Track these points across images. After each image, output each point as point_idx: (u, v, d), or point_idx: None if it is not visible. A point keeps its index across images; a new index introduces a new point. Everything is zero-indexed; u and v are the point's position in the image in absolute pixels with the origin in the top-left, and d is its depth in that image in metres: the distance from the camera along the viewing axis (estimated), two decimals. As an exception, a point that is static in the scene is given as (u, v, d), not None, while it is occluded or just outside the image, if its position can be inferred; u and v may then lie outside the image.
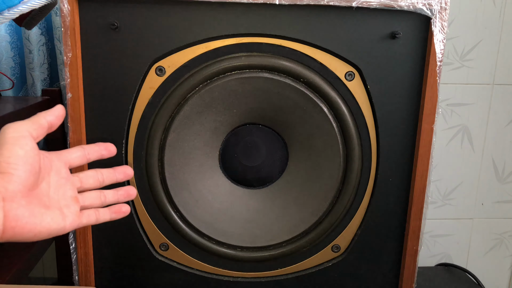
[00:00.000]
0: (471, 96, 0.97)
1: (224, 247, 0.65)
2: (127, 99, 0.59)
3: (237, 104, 0.60)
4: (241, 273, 0.67)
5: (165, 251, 0.65)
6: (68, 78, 0.57)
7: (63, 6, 0.54)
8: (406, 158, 0.64)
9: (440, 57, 0.60)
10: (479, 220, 1.06)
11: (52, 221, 0.39)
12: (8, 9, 0.51)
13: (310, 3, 0.56)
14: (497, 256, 1.09)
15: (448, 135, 0.99)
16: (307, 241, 0.65)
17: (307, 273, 0.68)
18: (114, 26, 0.56)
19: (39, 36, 0.80)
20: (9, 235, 0.36)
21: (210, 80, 0.59)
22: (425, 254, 1.07)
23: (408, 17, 0.59)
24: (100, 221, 0.45)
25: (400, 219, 0.66)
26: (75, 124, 0.58)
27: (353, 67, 0.60)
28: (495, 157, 1.02)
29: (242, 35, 0.58)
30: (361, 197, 0.65)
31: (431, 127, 0.62)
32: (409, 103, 0.62)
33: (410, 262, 0.67)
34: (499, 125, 1.00)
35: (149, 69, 0.58)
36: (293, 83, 0.59)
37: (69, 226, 0.41)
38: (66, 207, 0.41)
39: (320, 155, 0.63)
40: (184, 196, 0.63)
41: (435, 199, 1.03)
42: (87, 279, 0.64)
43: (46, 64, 0.83)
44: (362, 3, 0.57)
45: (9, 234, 0.36)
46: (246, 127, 0.64)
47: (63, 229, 0.40)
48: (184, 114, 0.59)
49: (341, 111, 0.61)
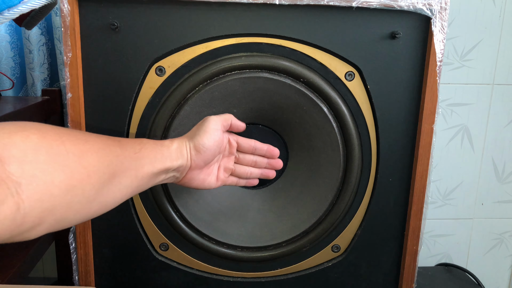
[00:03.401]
0: (471, 96, 0.97)
1: (224, 247, 0.65)
2: (127, 99, 0.59)
3: (237, 104, 0.60)
4: (241, 273, 0.67)
5: (165, 251, 0.65)
6: (68, 78, 0.57)
7: (63, 6, 0.54)
8: (406, 158, 0.64)
9: (440, 57, 0.60)
10: (479, 220, 1.06)
11: (208, 183, 0.56)
12: (8, 9, 0.51)
13: (310, 3, 0.56)
14: (497, 256, 1.09)
15: (448, 135, 0.99)
16: (307, 241, 0.65)
17: (307, 273, 0.68)
18: (114, 26, 0.56)
19: (39, 36, 0.80)
20: (181, 183, 0.54)
21: (210, 80, 0.59)
22: (425, 254, 1.07)
23: (408, 17, 0.59)
24: (238, 185, 0.62)
25: (400, 219, 0.66)
26: (75, 124, 0.58)
27: (353, 67, 0.60)
28: (495, 157, 1.02)
29: (242, 35, 0.58)
30: (361, 197, 0.65)
31: (431, 127, 0.62)
32: (409, 103, 0.62)
33: (410, 262, 0.67)
34: (499, 125, 1.00)
35: (149, 69, 0.58)
36: (293, 83, 0.59)
37: (216, 186, 0.58)
38: (221, 174, 0.58)
39: (320, 155, 0.63)
40: (184, 196, 0.63)
41: (435, 199, 1.03)
42: (87, 279, 0.64)
43: (46, 64, 0.83)
44: (362, 3, 0.57)
45: (181, 183, 0.54)
46: (246, 127, 0.64)
47: (213, 187, 0.57)
48: (184, 114, 0.59)
49: (341, 111, 0.61)
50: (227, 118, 0.55)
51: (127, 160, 0.44)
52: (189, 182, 0.54)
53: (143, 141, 0.48)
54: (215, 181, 0.57)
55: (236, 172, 0.60)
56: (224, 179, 0.58)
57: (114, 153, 0.43)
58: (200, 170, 0.54)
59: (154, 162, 0.47)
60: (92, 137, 0.42)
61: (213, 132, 0.52)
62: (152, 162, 0.47)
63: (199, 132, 0.52)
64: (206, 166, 0.55)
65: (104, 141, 0.43)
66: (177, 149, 0.51)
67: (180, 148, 0.51)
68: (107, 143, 0.43)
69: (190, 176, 0.53)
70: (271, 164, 0.61)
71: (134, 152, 0.46)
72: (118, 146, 0.44)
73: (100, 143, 0.42)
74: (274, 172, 0.62)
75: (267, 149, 0.60)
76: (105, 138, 0.44)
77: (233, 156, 0.59)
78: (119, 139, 0.46)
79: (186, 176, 0.53)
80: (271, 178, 0.62)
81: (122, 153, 0.44)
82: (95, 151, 0.40)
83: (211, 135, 0.52)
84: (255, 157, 0.60)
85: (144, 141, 0.48)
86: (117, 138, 0.46)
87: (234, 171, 0.60)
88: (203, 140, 0.52)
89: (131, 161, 0.45)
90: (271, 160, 0.61)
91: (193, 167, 0.52)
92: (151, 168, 0.47)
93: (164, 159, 0.49)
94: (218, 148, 0.54)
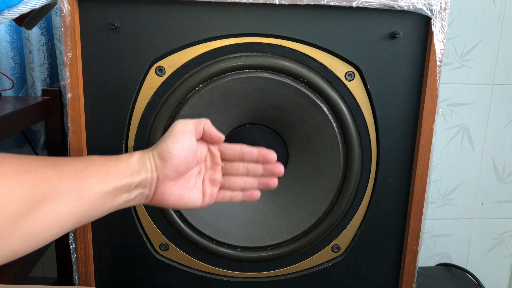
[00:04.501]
0: (471, 96, 0.97)
1: (224, 247, 0.65)
2: (127, 99, 0.59)
3: (237, 104, 0.60)
4: (241, 273, 0.67)
5: (165, 251, 0.65)
6: (68, 78, 0.57)
7: (63, 6, 0.54)
8: (406, 158, 0.64)
9: (440, 57, 0.60)
10: (479, 220, 1.06)
11: (190, 200, 0.48)
12: (8, 9, 0.51)
13: (310, 3, 0.56)
14: (497, 256, 1.09)
15: (448, 135, 0.99)
16: (307, 241, 0.65)
17: (307, 273, 0.68)
18: (114, 26, 0.56)
19: (39, 36, 0.80)
20: (155, 203, 0.47)
21: (210, 80, 0.59)
22: (425, 254, 1.07)
23: (408, 17, 0.59)
24: (234, 201, 0.52)
25: (400, 219, 0.66)
26: (75, 124, 0.58)
27: (353, 67, 0.60)
28: (495, 157, 1.02)
29: (242, 35, 0.58)
30: (361, 197, 0.65)
31: (431, 127, 0.62)
32: (409, 103, 0.62)
33: (410, 262, 0.67)
34: (499, 125, 1.00)
35: (149, 69, 0.58)
36: (293, 83, 0.59)
37: (204, 204, 0.50)
38: (207, 188, 0.50)
39: (320, 155, 0.63)
40: (184, 196, 0.63)
41: (435, 199, 1.03)
42: (87, 279, 0.64)
43: (46, 64, 0.83)
44: (362, 3, 0.57)
45: (155, 202, 0.47)
46: (246, 127, 0.64)
47: (198, 206, 0.49)
48: (184, 114, 0.59)
49: (341, 111, 0.61)
50: (199, 122, 0.48)
51: (64, 182, 0.38)
52: (163, 199, 0.46)
53: (90, 158, 0.42)
54: (201, 197, 0.49)
55: (226, 184, 0.52)
56: (212, 194, 0.51)
57: (42, 175, 0.37)
58: (173, 183, 0.46)
59: (106, 180, 0.41)
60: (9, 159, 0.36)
61: (180, 135, 0.46)
62: (102, 180, 0.41)
63: (164, 138, 0.46)
64: (182, 178, 0.47)
65: (29, 162, 0.37)
66: (138, 162, 0.44)
67: (142, 160, 0.45)
68: (34, 165, 0.37)
69: (162, 191, 0.46)
70: (269, 170, 0.52)
71: (75, 171, 0.39)
72: (50, 167, 0.38)
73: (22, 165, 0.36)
74: (276, 180, 0.53)
75: (258, 152, 0.51)
76: (33, 159, 0.38)
77: (219, 167, 0.51)
78: (56, 159, 0.40)
79: (157, 192, 0.46)
80: (273, 187, 0.53)
81: (56, 174, 0.38)
82: (10, 176, 0.34)
83: (177, 139, 0.46)
84: (246, 164, 0.52)
85: (92, 158, 0.42)
86: (54, 158, 0.40)
87: (223, 184, 0.52)
88: (168, 145, 0.45)
89: (69, 183, 0.39)
90: (269, 166, 0.52)
91: (161, 179, 0.45)
92: (102, 187, 0.40)
93: (120, 174, 0.42)
94: (191, 155, 0.46)
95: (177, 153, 0.45)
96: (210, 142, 0.50)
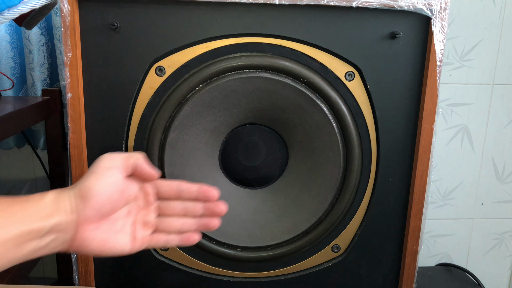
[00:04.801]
0: (471, 96, 0.97)
1: (224, 247, 0.65)
2: (127, 99, 0.59)
3: (237, 104, 0.60)
4: (241, 273, 0.67)
5: (165, 251, 0.65)
6: (68, 78, 0.57)
7: (63, 6, 0.54)
8: (406, 158, 0.64)
9: (440, 57, 0.60)
10: (479, 220, 1.06)
11: (116, 245, 0.42)
12: (8, 9, 0.51)
13: (310, 3, 0.56)
14: (497, 256, 1.09)
15: (448, 135, 0.99)
16: (307, 241, 0.65)
17: (307, 273, 0.68)
18: (114, 26, 0.56)
19: (39, 36, 0.80)
20: (74, 249, 0.41)
21: (210, 80, 0.59)
22: (425, 254, 1.07)
23: (408, 17, 0.59)
24: (169, 246, 0.47)
25: (400, 219, 0.66)
26: (75, 124, 0.58)
27: (353, 67, 0.60)
28: (495, 157, 1.02)
29: (242, 35, 0.58)
30: (361, 197, 0.65)
31: (431, 127, 0.62)
32: (409, 103, 0.62)
33: (410, 262, 0.67)
34: (499, 125, 1.00)
35: (149, 69, 0.58)
36: (293, 83, 0.59)
37: (134, 250, 0.44)
38: (138, 231, 0.44)
39: (320, 155, 0.63)
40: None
41: (435, 199, 1.03)
42: (87, 279, 0.64)
43: (46, 64, 0.83)
44: (362, 3, 0.57)
45: (74, 249, 0.41)
46: (246, 127, 0.64)
47: (127, 252, 0.43)
48: (184, 114, 0.59)
49: (341, 111, 0.61)
50: (128, 157, 0.42)
51: None
52: (83, 245, 0.40)
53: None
54: (130, 241, 0.43)
55: (160, 226, 0.46)
56: (144, 238, 0.45)
57: None
58: (95, 226, 0.41)
59: (7, 227, 0.35)
60: None
61: (104, 171, 0.40)
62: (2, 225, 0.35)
63: (86, 174, 0.41)
64: (106, 221, 0.41)
65: None
66: (53, 202, 0.38)
67: (57, 200, 0.39)
68: None
69: (82, 235, 0.40)
70: (210, 209, 0.46)
71: None
72: None
73: None
74: (217, 221, 0.46)
75: (197, 189, 0.45)
76: None
77: (153, 206, 0.46)
78: None
79: (77, 237, 0.40)
80: (214, 229, 0.46)
81: None
82: None
83: (101, 176, 0.40)
84: (184, 203, 0.46)
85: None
86: None
87: (158, 226, 0.46)
88: (90, 182, 0.40)
89: None
90: (210, 204, 0.46)
91: (81, 222, 0.39)
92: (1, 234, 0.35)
93: (27, 218, 0.36)
94: (117, 194, 0.41)
95: (100, 192, 0.39)
96: (142, 179, 0.45)
